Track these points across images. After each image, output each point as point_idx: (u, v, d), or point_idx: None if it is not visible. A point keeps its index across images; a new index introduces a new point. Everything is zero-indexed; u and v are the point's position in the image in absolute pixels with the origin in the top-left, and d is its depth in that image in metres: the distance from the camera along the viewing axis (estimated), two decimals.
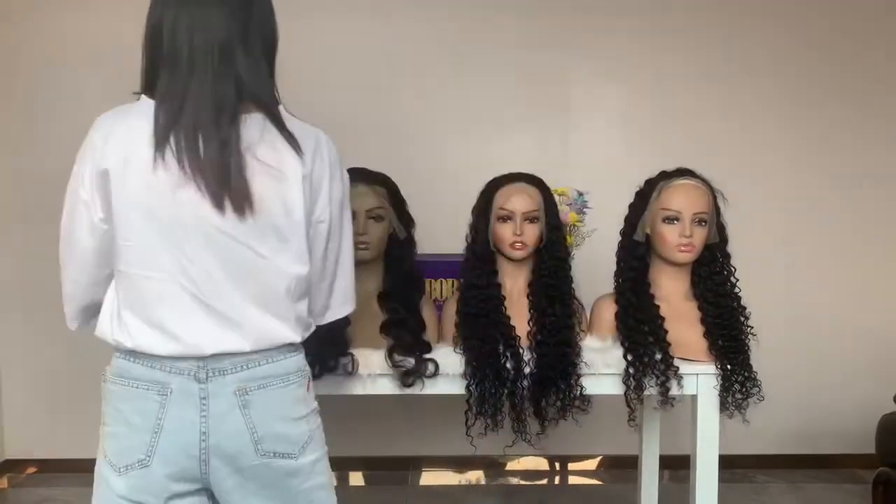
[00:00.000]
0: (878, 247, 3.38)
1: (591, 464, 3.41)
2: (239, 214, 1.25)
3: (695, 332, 1.98)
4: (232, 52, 1.28)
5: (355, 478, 3.32)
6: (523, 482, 3.32)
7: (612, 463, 3.36)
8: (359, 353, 1.87)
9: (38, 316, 3.14)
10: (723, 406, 1.93)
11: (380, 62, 3.25)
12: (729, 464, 2.16)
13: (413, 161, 3.17)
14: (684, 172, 2.02)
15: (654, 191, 2.01)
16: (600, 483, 3.32)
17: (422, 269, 2.05)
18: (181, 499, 1.33)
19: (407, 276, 1.99)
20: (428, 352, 1.91)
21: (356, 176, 1.93)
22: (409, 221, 2.00)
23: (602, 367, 1.93)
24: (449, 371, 1.90)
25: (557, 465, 3.42)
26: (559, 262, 2.00)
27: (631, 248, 2.04)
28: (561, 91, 3.33)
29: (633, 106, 3.32)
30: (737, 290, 2.02)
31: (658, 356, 1.92)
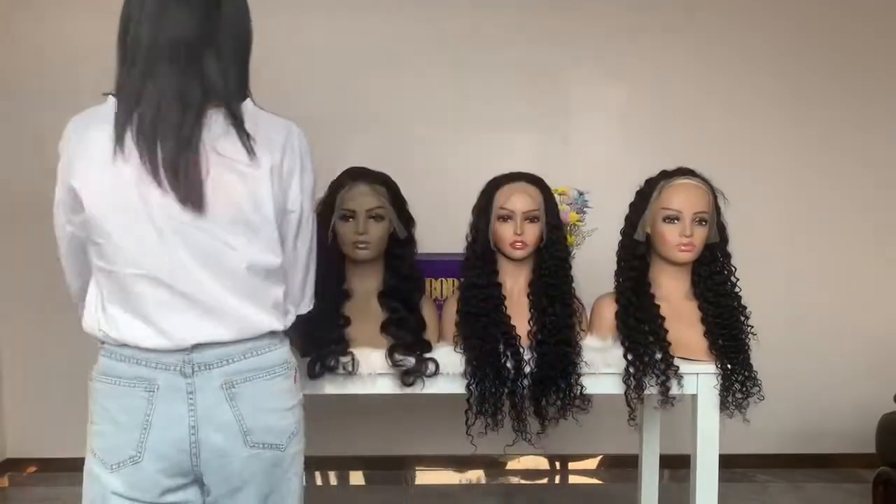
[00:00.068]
0: (879, 246, 3.38)
1: (592, 463, 3.41)
2: (196, 210, 1.27)
3: (695, 332, 1.98)
4: (199, 52, 1.29)
5: (355, 477, 3.32)
6: (523, 481, 3.32)
7: (613, 462, 3.36)
8: (359, 353, 1.87)
9: (39, 315, 3.16)
10: (723, 405, 1.93)
11: (380, 62, 3.25)
12: (729, 463, 2.16)
13: (413, 160, 3.17)
14: (685, 172, 2.02)
15: (655, 190, 2.01)
16: (600, 482, 3.32)
17: (422, 269, 2.05)
18: (174, 493, 1.35)
19: (407, 276, 1.99)
20: (428, 351, 1.91)
21: (356, 175, 1.94)
22: (410, 221, 1.99)
23: (602, 367, 1.93)
24: (449, 370, 1.90)
25: (558, 465, 3.42)
26: (559, 262, 2.00)
27: (631, 248, 2.04)
28: (561, 90, 3.33)
29: (634, 105, 3.33)
30: (737, 290, 2.02)
31: (658, 356, 1.92)
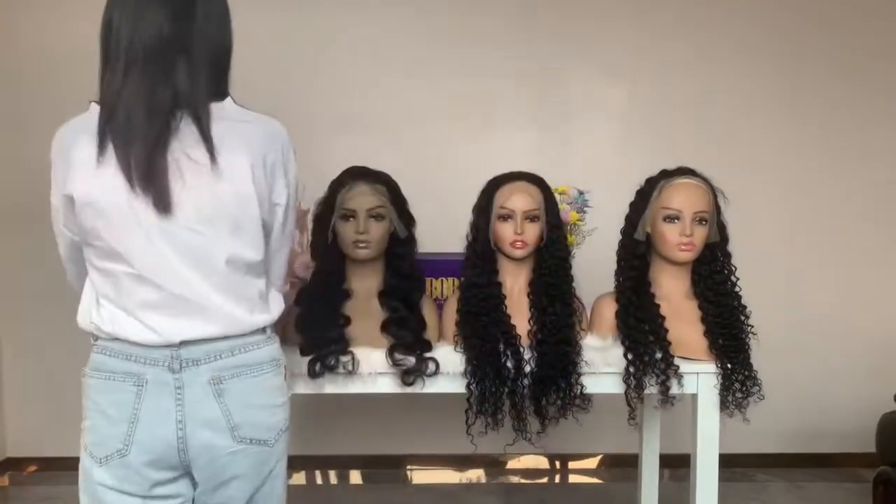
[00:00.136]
0: (879, 246, 3.38)
1: (592, 462, 3.41)
2: (166, 213, 1.29)
3: (695, 331, 1.98)
4: (170, 57, 1.30)
5: (356, 476, 3.33)
6: (524, 481, 3.32)
7: (613, 462, 3.36)
8: (359, 352, 1.87)
9: (39, 315, 3.16)
10: (723, 405, 1.93)
11: (380, 61, 3.25)
12: (729, 463, 2.16)
13: (414, 160, 3.17)
14: (685, 171, 2.02)
15: (655, 189, 2.01)
16: (600, 482, 3.32)
17: (422, 268, 2.05)
18: (164, 486, 1.37)
19: (408, 275, 1.99)
20: (428, 350, 1.91)
21: (357, 175, 1.94)
22: (410, 220, 1.99)
23: (602, 366, 1.93)
24: (449, 370, 1.90)
25: (558, 464, 3.42)
26: (560, 261, 2.00)
27: (631, 247, 2.04)
28: (562, 89, 3.33)
29: (634, 104, 3.33)
30: (737, 290, 2.02)
31: (658, 355, 1.92)
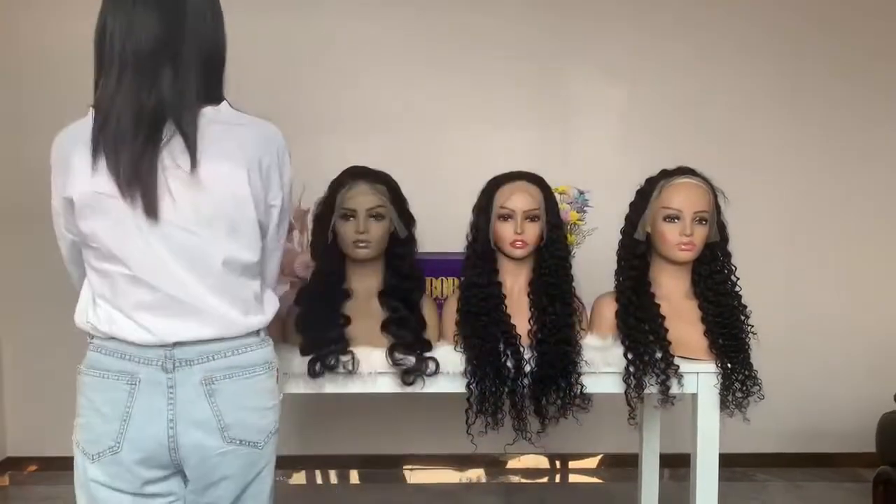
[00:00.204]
0: (879, 245, 3.38)
1: (592, 462, 3.41)
2: (154, 219, 1.31)
3: (695, 331, 1.98)
4: (162, 62, 1.32)
5: (356, 476, 3.33)
6: (524, 480, 3.33)
7: (613, 461, 3.36)
8: (359, 352, 1.87)
9: (40, 315, 3.16)
10: (723, 405, 1.93)
11: (380, 61, 3.25)
12: (729, 462, 2.16)
13: (414, 159, 3.17)
14: (685, 171, 2.01)
15: (655, 189, 2.01)
16: (601, 481, 3.32)
17: (422, 268, 2.05)
18: (155, 484, 1.39)
19: (408, 275, 1.98)
20: (428, 350, 1.91)
21: (357, 175, 1.94)
22: (410, 220, 1.99)
23: (602, 366, 1.93)
24: (449, 369, 1.90)
25: (558, 464, 3.42)
26: (560, 261, 2.00)
27: (631, 247, 2.04)
28: (562, 89, 3.33)
29: (634, 104, 3.33)
30: (737, 289, 2.02)
31: (658, 355, 1.92)
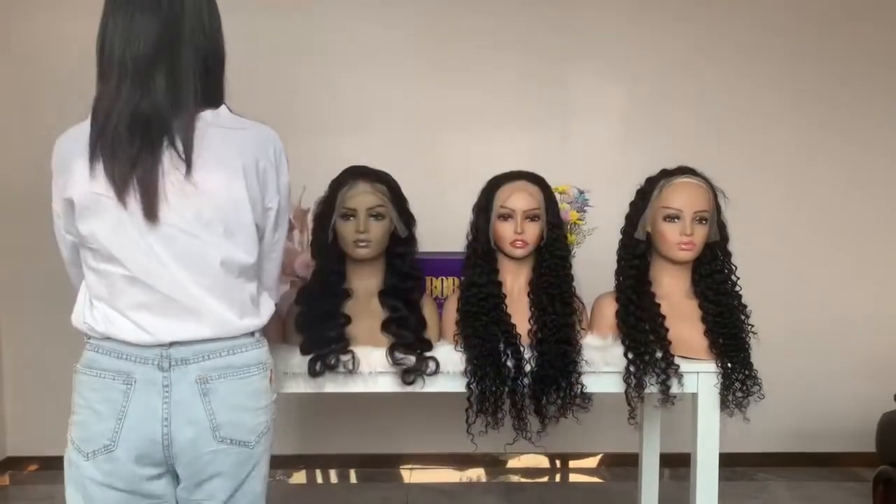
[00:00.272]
0: (880, 245, 3.38)
1: (592, 462, 3.41)
2: (154, 222, 1.33)
3: (695, 331, 1.98)
4: (157, 69, 1.34)
5: (356, 475, 3.33)
6: (524, 480, 3.33)
7: (613, 461, 3.36)
8: (360, 351, 1.87)
9: (40, 314, 3.16)
10: (723, 404, 1.93)
11: (380, 60, 3.25)
12: (729, 462, 2.16)
13: (414, 159, 3.17)
14: (685, 171, 2.02)
15: (655, 189, 2.01)
16: (601, 481, 3.32)
17: (423, 267, 2.05)
18: (149, 482, 1.41)
19: (408, 275, 1.98)
20: (429, 350, 1.91)
21: (357, 174, 1.94)
22: (410, 219, 1.99)
23: (602, 366, 1.93)
24: (450, 369, 1.90)
25: (558, 463, 3.42)
26: (560, 261, 2.00)
27: (632, 247, 2.04)
28: (562, 88, 3.33)
29: (634, 103, 3.33)
30: (737, 289, 2.02)
31: (659, 354, 1.92)
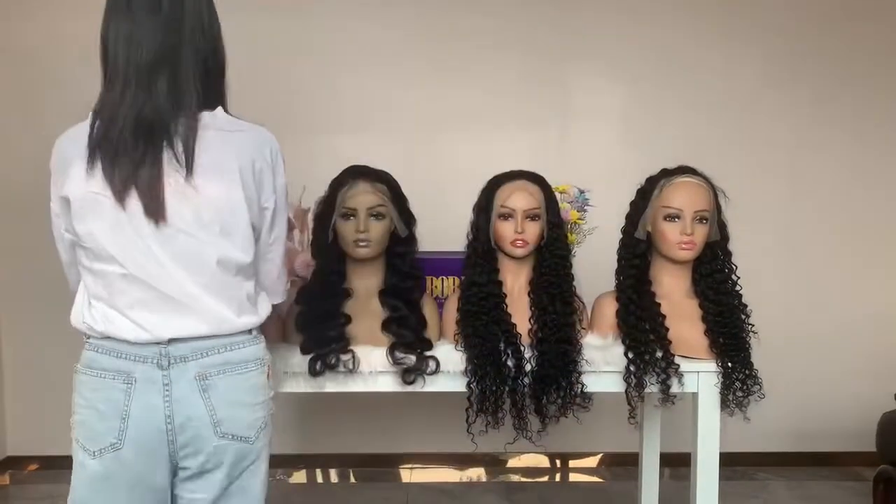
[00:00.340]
0: (879, 243, 3.38)
1: (592, 461, 3.41)
2: (159, 221, 1.35)
3: (696, 330, 1.98)
4: (160, 72, 1.36)
5: (356, 474, 3.33)
6: (524, 479, 3.33)
7: (613, 460, 3.36)
8: (360, 351, 1.87)
9: (40, 314, 3.16)
10: (723, 404, 1.93)
11: (380, 60, 3.25)
12: (729, 461, 2.16)
13: (414, 158, 3.18)
14: (686, 170, 2.02)
15: (656, 188, 2.01)
16: (601, 480, 3.32)
17: (423, 267, 2.05)
18: (154, 476, 1.42)
19: (408, 274, 1.98)
20: (429, 349, 1.91)
21: (357, 174, 1.94)
22: (411, 219, 1.99)
23: (603, 365, 1.93)
24: (450, 368, 1.90)
25: (558, 463, 3.42)
26: (560, 260, 2.00)
27: (632, 246, 2.04)
28: (562, 88, 3.33)
29: (635, 102, 3.32)
30: (738, 288, 2.02)
31: (659, 354, 1.92)
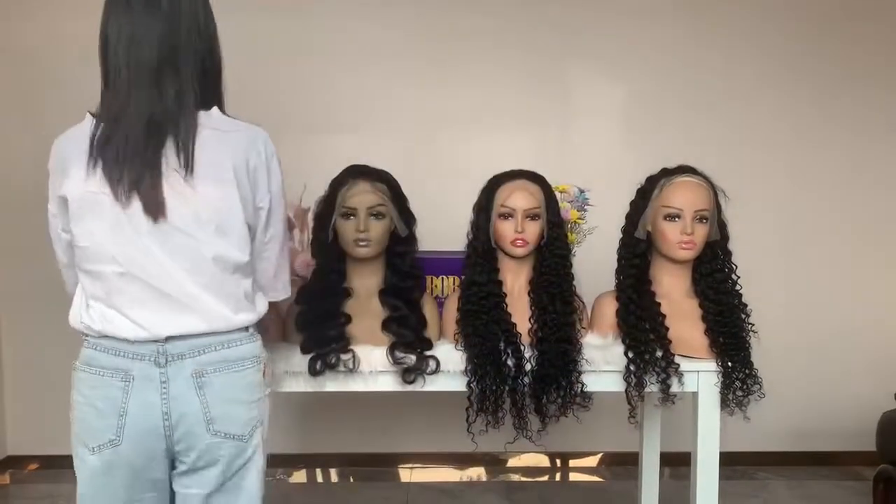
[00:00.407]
0: (879, 243, 3.38)
1: (592, 461, 3.41)
2: (156, 219, 1.36)
3: (696, 330, 1.99)
4: (163, 73, 1.38)
5: (356, 474, 3.33)
6: (524, 479, 3.33)
7: (613, 460, 3.36)
8: (360, 350, 1.87)
9: (40, 315, 3.16)
10: (723, 403, 1.93)
11: (381, 60, 3.25)
12: (729, 461, 2.16)
13: (414, 158, 3.17)
14: (686, 169, 2.02)
15: (656, 188, 2.01)
16: (601, 480, 3.32)
17: (423, 266, 2.05)
18: (152, 471, 1.45)
19: (408, 274, 1.99)
20: (429, 349, 1.91)
21: (357, 173, 1.94)
22: (411, 218, 1.99)
23: (603, 365, 1.93)
24: (450, 368, 1.90)
25: (558, 462, 3.42)
26: (560, 260, 2.00)
27: (632, 246, 2.04)
28: (562, 87, 3.33)
29: (635, 102, 3.32)
30: (738, 288, 2.02)
31: (659, 353, 1.92)
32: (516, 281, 2.03)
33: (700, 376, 1.94)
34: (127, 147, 1.35)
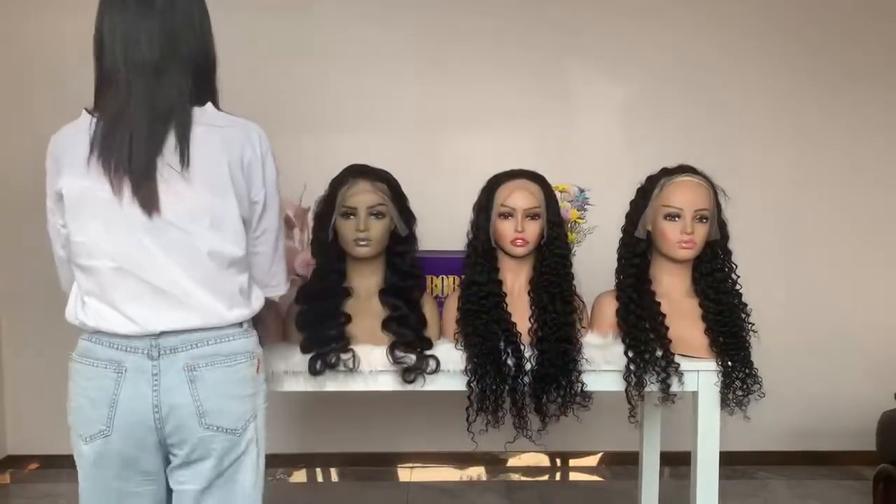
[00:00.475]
0: (879, 243, 3.38)
1: (592, 460, 3.41)
2: (151, 213, 1.37)
3: (696, 329, 1.99)
4: (161, 69, 1.38)
5: (356, 474, 3.33)
6: (524, 478, 3.33)
7: (613, 459, 3.36)
8: (360, 350, 1.87)
9: (40, 314, 3.15)
10: (723, 403, 1.93)
11: (381, 59, 3.25)
12: (729, 460, 2.16)
13: (414, 157, 3.17)
14: (686, 169, 2.02)
15: (656, 187, 2.01)
16: (601, 479, 3.32)
17: (423, 266, 2.05)
18: (143, 462, 1.46)
19: (408, 273, 1.99)
20: (429, 348, 1.92)
21: (357, 173, 1.95)
22: (411, 218, 1.99)
23: (603, 364, 1.93)
24: (450, 367, 1.90)
25: (558, 462, 3.42)
26: (560, 259, 2.00)
27: (632, 245, 2.05)
28: (563, 87, 3.32)
29: (635, 101, 3.32)
30: (738, 287, 2.03)
31: (659, 353, 1.92)
32: (516, 280, 2.03)
33: (700, 376, 1.94)
34: (129, 144, 1.36)
